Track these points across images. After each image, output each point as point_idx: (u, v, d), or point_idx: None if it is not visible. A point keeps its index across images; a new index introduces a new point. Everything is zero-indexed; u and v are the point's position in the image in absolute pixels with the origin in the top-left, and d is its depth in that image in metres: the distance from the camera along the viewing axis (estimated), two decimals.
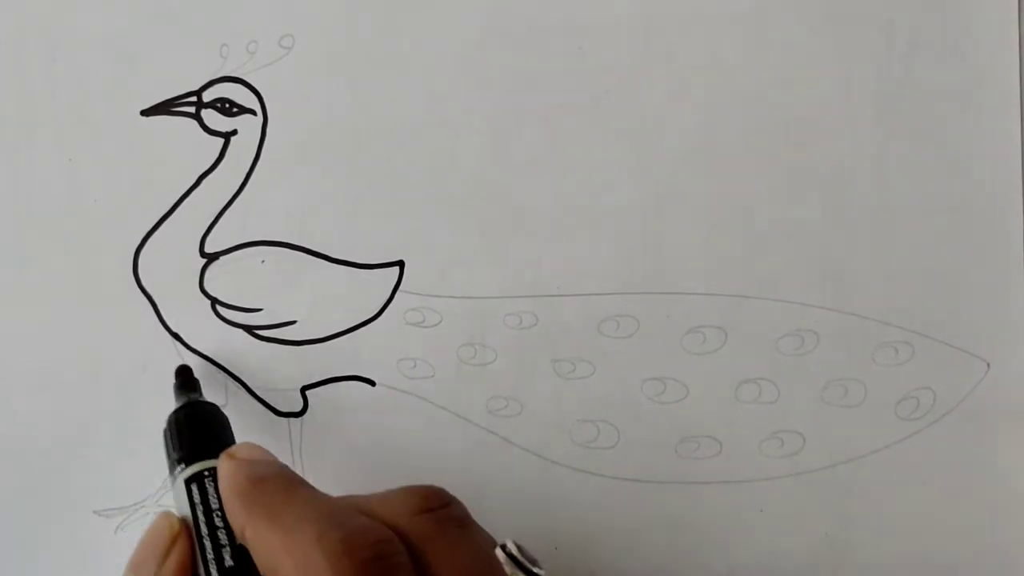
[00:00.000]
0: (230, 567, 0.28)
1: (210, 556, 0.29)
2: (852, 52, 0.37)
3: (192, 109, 0.38)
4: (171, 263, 0.38)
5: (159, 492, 0.39)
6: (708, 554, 0.38)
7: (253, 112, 0.38)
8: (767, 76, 0.38)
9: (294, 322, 0.38)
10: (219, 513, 0.29)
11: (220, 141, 0.38)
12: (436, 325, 0.38)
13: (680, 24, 0.38)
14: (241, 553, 0.28)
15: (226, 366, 0.38)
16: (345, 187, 0.38)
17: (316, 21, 0.38)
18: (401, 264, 0.38)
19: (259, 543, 0.27)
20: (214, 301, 0.38)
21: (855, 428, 0.38)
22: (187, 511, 0.30)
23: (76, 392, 0.39)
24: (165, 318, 0.38)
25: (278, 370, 0.38)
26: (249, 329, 0.38)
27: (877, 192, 0.37)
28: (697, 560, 0.38)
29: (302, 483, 0.29)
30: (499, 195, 0.38)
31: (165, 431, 0.34)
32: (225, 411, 0.37)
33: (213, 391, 0.38)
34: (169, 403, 0.38)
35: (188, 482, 0.30)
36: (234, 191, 0.38)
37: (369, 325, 0.38)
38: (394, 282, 0.38)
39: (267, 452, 0.31)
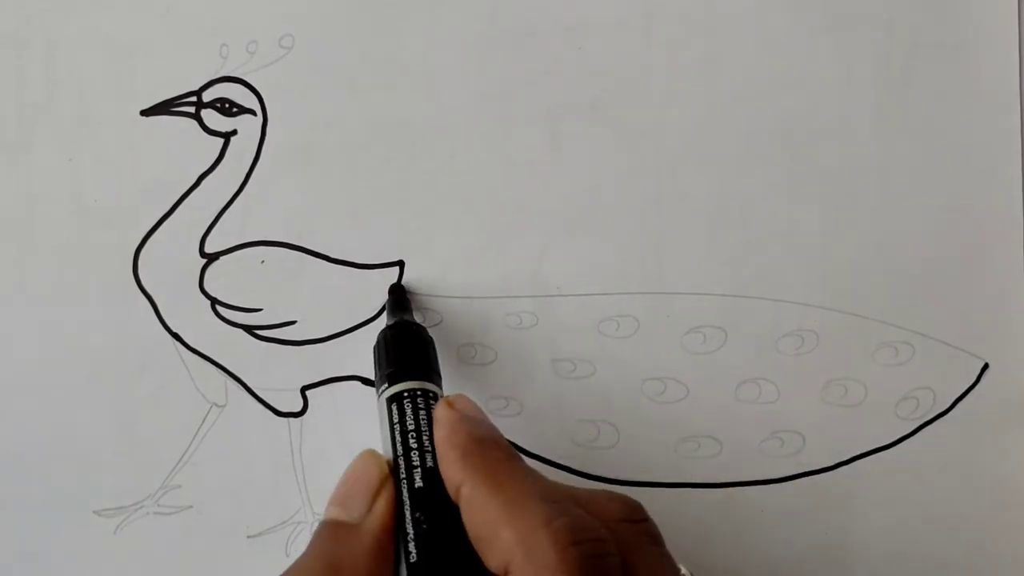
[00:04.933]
0: (419, 488, 0.29)
1: (402, 475, 0.29)
2: (852, 52, 0.37)
3: (192, 109, 0.38)
4: (171, 263, 0.38)
5: (159, 492, 0.39)
6: (708, 554, 0.38)
7: (253, 112, 0.38)
8: (767, 76, 0.38)
9: (294, 322, 0.38)
10: (414, 435, 0.30)
11: (220, 141, 0.38)
12: (436, 325, 0.38)
13: (680, 24, 0.38)
14: (431, 477, 0.29)
15: (226, 366, 0.38)
16: (345, 187, 0.38)
17: (316, 21, 0.38)
18: (401, 264, 0.38)
19: (476, 507, 0.27)
20: (214, 301, 0.38)
21: (855, 428, 0.38)
22: (387, 428, 0.31)
23: (76, 392, 0.39)
24: (165, 318, 0.38)
25: (278, 370, 0.38)
26: (249, 329, 0.38)
27: (877, 192, 0.37)
28: (697, 560, 0.38)
29: (518, 455, 0.29)
30: (499, 195, 0.38)
31: (375, 348, 0.35)
32: (225, 411, 0.37)
33: (213, 391, 0.38)
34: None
35: (390, 401, 0.31)
36: (234, 191, 0.38)
37: (369, 325, 0.38)
38: (394, 282, 0.38)
39: (480, 409, 0.30)
